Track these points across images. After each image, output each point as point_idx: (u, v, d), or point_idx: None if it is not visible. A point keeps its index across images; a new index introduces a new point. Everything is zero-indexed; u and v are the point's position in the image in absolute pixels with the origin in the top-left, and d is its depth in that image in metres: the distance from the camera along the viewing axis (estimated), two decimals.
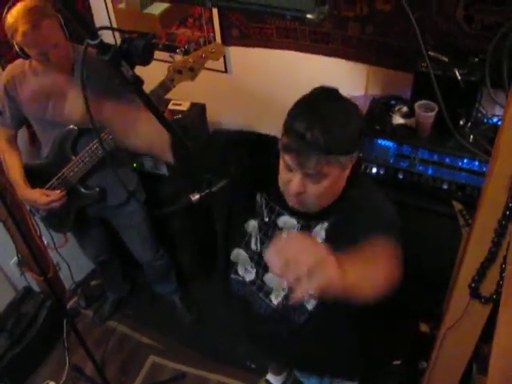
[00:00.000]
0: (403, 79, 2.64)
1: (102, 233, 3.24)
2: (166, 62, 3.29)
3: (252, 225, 1.80)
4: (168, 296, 3.64)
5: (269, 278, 1.79)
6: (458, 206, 2.42)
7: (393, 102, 2.69)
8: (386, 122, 2.59)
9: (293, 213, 1.67)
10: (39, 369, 3.38)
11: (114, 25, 3.07)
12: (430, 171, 2.49)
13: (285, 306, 1.77)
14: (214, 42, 2.20)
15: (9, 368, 3.20)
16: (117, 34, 3.14)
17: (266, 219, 1.75)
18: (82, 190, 2.71)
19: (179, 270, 3.64)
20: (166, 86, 2.25)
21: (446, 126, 2.02)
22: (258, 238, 1.79)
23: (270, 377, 3.06)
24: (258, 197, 1.76)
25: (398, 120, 2.58)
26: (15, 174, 2.68)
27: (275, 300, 1.78)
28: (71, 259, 3.46)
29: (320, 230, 1.62)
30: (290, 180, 1.49)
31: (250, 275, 1.85)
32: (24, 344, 3.27)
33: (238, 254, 1.86)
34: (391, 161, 2.55)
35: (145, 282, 3.69)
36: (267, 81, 3.08)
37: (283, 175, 1.52)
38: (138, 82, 1.16)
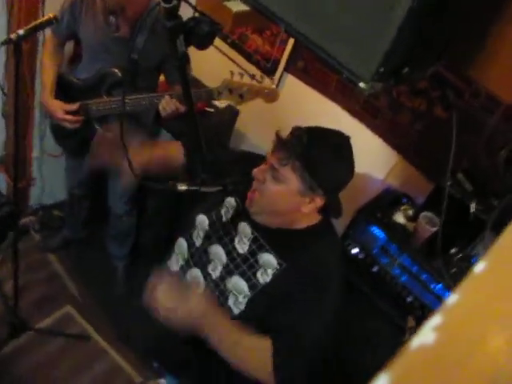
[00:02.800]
0: (424, 185, 2.65)
1: (89, 167, 3.25)
2: (225, 55, 3.35)
3: (202, 219, 1.82)
4: (114, 259, 3.61)
5: (193, 273, 1.78)
6: (411, 322, 2.42)
7: (403, 200, 2.70)
8: (388, 215, 2.59)
9: (254, 225, 1.68)
10: None
11: (192, 2, 3.11)
12: (403, 278, 2.48)
13: None
14: (273, 87, 2.24)
15: None
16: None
17: (224, 219, 1.76)
18: (97, 126, 2.72)
19: (137, 242, 3.62)
20: (210, 95, 2.28)
21: (439, 246, 2.03)
22: (204, 233, 1.80)
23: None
24: (230, 199, 1.80)
25: (399, 219, 2.59)
26: (48, 77, 2.73)
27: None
28: (48, 180, 3.45)
29: (268, 262, 1.62)
30: (258, 169, 1.58)
31: (176, 265, 1.85)
32: None
33: (181, 243, 1.88)
34: (374, 251, 2.55)
35: (100, 238, 3.66)
36: (303, 120, 3.09)
37: (256, 169, 1.60)
38: (184, 59, 1.17)
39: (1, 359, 2.92)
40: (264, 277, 1.60)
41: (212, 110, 3.20)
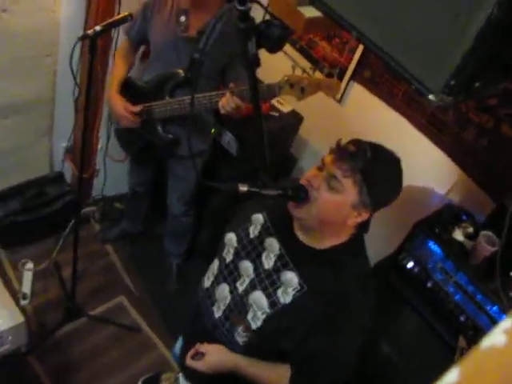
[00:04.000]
0: (486, 203, 2.60)
1: (153, 170, 3.34)
2: (292, 60, 3.36)
3: (230, 237, 1.85)
4: (170, 257, 3.68)
5: (220, 289, 1.79)
6: (462, 342, 2.37)
7: (464, 217, 2.64)
8: (447, 231, 2.54)
9: (282, 240, 1.69)
10: (28, 246, 3.47)
11: (265, 3, 3.14)
12: (457, 297, 2.44)
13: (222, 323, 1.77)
14: (335, 79, 2.22)
15: (5, 230, 3.32)
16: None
17: (252, 235, 1.78)
18: (159, 128, 2.78)
19: (194, 242, 3.68)
20: (272, 91, 2.28)
21: (498, 267, 1.98)
22: (233, 249, 1.81)
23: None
24: (258, 215, 1.81)
25: (458, 236, 2.54)
26: (116, 76, 2.83)
27: (217, 313, 1.77)
28: (112, 173, 3.55)
29: (289, 281, 1.62)
30: (312, 175, 1.56)
31: (208, 282, 1.87)
32: (30, 217, 3.39)
33: (214, 262, 1.92)
34: (430, 266, 2.51)
35: (158, 235, 3.73)
36: (367, 130, 3.08)
37: (308, 172, 1.59)
38: (255, 62, 1.18)
39: (54, 341, 3.02)
40: (284, 296, 1.60)
41: (276, 114, 3.21)
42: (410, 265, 2.57)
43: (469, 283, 2.40)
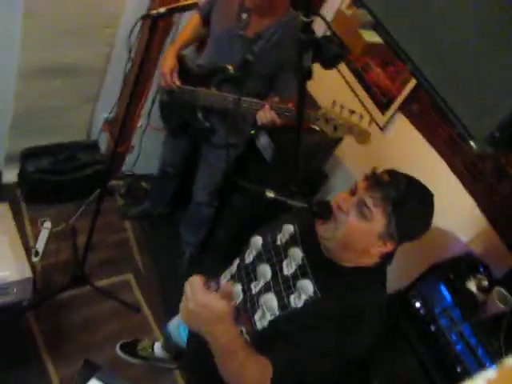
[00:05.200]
0: (507, 260, 2.57)
1: (186, 150, 3.37)
2: (344, 79, 3.37)
3: (256, 239, 1.86)
4: (184, 244, 3.69)
5: (236, 286, 1.79)
6: None
7: (481, 269, 2.61)
8: (461, 279, 2.52)
9: (306, 251, 1.70)
10: (50, 206, 3.55)
11: (329, 18, 3.16)
12: (458, 346, 2.41)
13: None
14: (367, 129, 2.22)
15: (32, 185, 3.38)
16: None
17: (278, 242, 1.79)
18: (199, 114, 2.81)
19: (211, 235, 3.69)
20: (307, 119, 2.29)
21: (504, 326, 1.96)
22: (256, 252, 1.82)
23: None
24: (289, 226, 1.82)
25: (471, 286, 2.51)
26: (181, 38, 2.92)
27: None
28: (146, 152, 3.59)
29: (305, 288, 1.61)
30: (342, 198, 1.56)
31: (223, 280, 1.89)
32: (58, 179, 3.44)
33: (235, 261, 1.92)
34: (437, 310, 2.49)
35: (178, 221, 3.76)
36: (403, 163, 3.06)
37: (340, 194, 1.60)
38: (308, 75, 1.19)
39: (54, 303, 3.06)
40: (296, 301, 1.59)
41: (317, 128, 3.21)
42: (418, 305, 2.55)
43: (472, 336, 2.37)
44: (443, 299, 2.47)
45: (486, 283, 2.52)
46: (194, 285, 1.44)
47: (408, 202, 1.49)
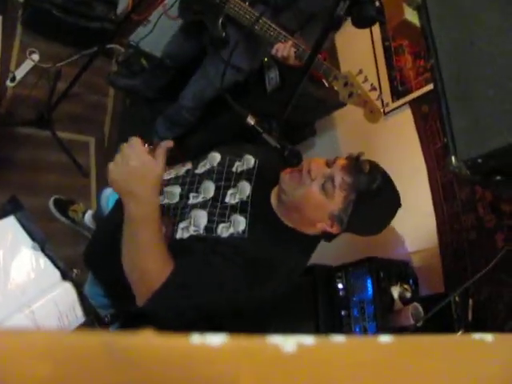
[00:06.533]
0: (437, 283, 2.66)
1: (191, 53, 3.27)
2: (373, 50, 3.31)
3: (215, 156, 1.84)
4: (155, 134, 3.62)
5: (173, 188, 1.77)
6: None
7: (410, 281, 2.67)
8: (389, 282, 2.58)
9: (255, 192, 1.68)
10: (45, 41, 3.43)
11: None
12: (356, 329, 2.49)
13: None
14: (380, 110, 2.20)
15: (36, 14, 3.29)
16: None
17: (234, 169, 1.78)
18: (220, 21, 2.72)
19: (183, 136, 3.66)
20: (327, 73, 2.27)
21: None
22: (209, 167, 1.81)
23: None
24: (250, 157, 1.81)
25: (394, 291, 2.57)
26: None
27: None
28: (158, 32, 3.51)
29: (236, 223, 1.60)
30: (316, 164, 1.54)
31: (166, 176, 1.83)
32: (64, 17, 3.36)
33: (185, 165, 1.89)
34: (354, 298, 2.56)
35: (159, 111, 3.69)
36: (389, 155, 3.05)
37: (316, 159, 1.58)
38: (335, 23, 1.16)
39: (10, 134, 3.02)
40: (223, 231, 1.58)
41: (326, 84, 3.17)
42: (340, 286, 2.61)
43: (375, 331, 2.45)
44: (364, 292, 2.53)
45: (408, 295, 2.58)
46: (136, 144, 1.41)
47: (372, 201, 1.48)
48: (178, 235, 1.62)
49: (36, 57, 3.31)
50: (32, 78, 3.26)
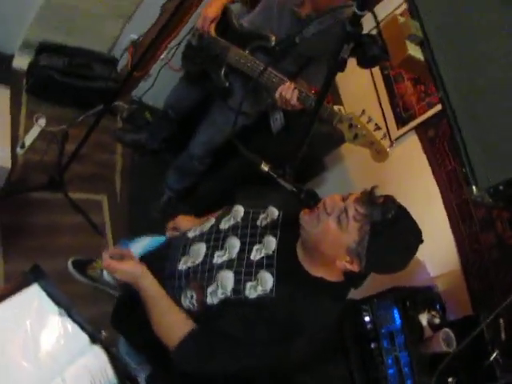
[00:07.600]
0: (465, 306, 2.63)
1: (194, 102, 3.31)
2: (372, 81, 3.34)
3: (239, 210, 1.84)
4: (166, 187, 3.66)
5: (198, 247, 1.78)
6: None
7: (437, 306, 2.64)
8: (416, 310, 2.55)
9: (281, 244, 1.68)
10: (51, 105, 3.48)
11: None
12: (390, 370, 2.44)
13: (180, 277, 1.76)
14: (387, 150, 2.19)
15: (39, 79, 3.35)
16: None
17: (258, 223, 1.77)
18: (222, 71, 2.77)
19: (194, 188, 3.67)
20: (331, 117, 2.27)
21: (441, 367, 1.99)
22: (234, 222, 1.81)
23: None
24: (274, 210, 1.81)
25: (422, 319, 2.55)
26: None
27: (181, 265, 1.75)
28: (160, 85, 3.55)
29: (264, 281, 1.60)
30: (332, 199, 1.54)
31: (192, 233, 1.86)
32: (66, 81, 3.42)
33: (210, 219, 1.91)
34: (383, 330, 2.51)
35: (167, 162, 3.72)
36: (401, 183, 3.05)
37: (332, 195, 1.57)
38: (340, 66, 1.17)
39: (24, 200, 3.04)
40: (251, 291, 1.58)
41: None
42: (367, 319, 2.57)
43: (407, 365, 2.41)
44: (392, 322, 2.49)
45: (437, 321, 2.55)
46: (107, 263, 1.67)
47: (388, 233, 1.46)
48: (209, 301, 1.63)
49: (43, 121, 3.36)
50: (40, 142, 3.30)
